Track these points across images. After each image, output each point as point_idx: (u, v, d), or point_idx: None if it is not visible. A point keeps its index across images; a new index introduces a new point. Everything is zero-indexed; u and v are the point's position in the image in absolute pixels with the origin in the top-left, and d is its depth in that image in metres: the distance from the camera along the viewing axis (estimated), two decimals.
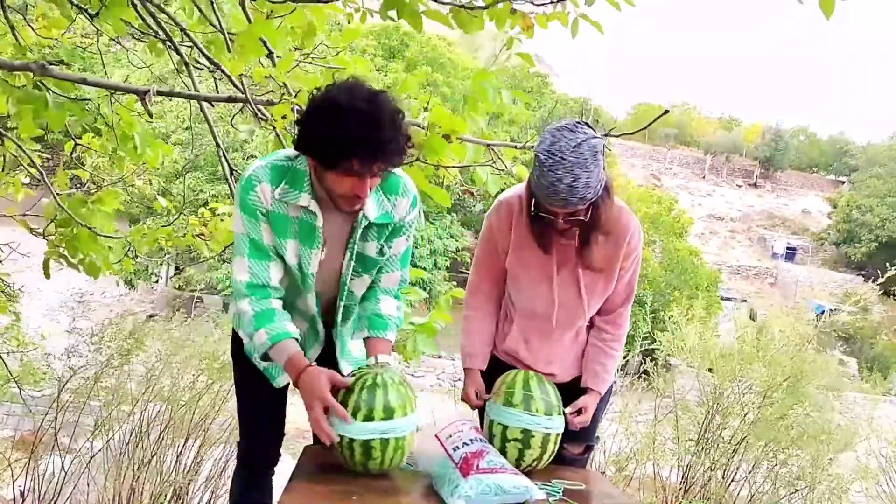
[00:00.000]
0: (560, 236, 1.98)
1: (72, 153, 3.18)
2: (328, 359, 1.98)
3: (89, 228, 2.95)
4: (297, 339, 1.78)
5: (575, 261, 2.02)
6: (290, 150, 1.83)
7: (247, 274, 1.80)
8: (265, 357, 1.81)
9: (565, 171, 1.74)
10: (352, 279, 1.91)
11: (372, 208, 1.82)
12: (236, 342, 2.07)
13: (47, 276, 3.13)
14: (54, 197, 2.94)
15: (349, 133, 1.58)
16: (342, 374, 1.82)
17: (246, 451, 2.12)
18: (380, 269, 1.95)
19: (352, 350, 2.06)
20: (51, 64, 2.29)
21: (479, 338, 2.16)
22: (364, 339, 1.97)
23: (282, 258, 1.82)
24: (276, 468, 2.12)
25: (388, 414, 1.68)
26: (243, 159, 17.89)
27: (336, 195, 1.72)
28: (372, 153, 1.61)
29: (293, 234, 1.80)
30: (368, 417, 1.67)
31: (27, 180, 3.40)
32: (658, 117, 2.41)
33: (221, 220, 3.23)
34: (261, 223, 1.78)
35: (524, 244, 2.03)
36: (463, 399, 2.16)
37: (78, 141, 3.12)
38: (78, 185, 3.49)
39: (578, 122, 1.83)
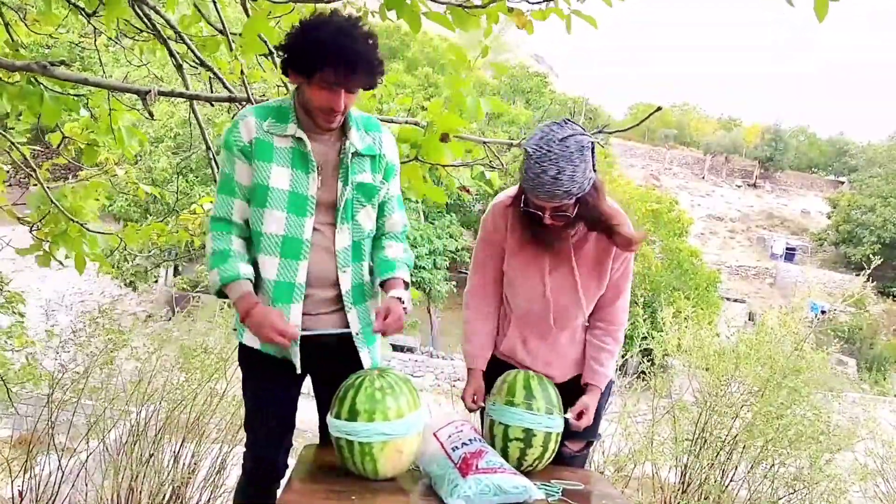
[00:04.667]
0: (554, 237, 1.99)
1: (59, 145, 3.16)
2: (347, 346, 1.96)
3: (81, 224, 2.94)
4: (249, 280, 1.84)
5: (569, 261, 2.04)
6: (277, 99, 1.97)
7: (213, 208, 1.91)
8: (220, 293, 1.87)
9: (550, 163, 1.78)
10: (356, 209, 1.93)
11: (357, 139, 1.90)
12: (243, 350, 2.03)
13: (47, 264, 3.10)
14: (45, 190, 2.91)
15: (326, 42, 1.68)
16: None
17: (252, 465, 2.05)
18: (381, 214, 2.01)
19: (377, 348, 2.03)
20: (52, 64, 2.29)
21: (479, 339, 2.17)
22: (380, 286, 1.99)
23: (261, 184, 1.84)
24: (281, 481, 2.05)
25: (399, 415, 1.68)
26: None
27: (313, 108, 1.80)
28: (345, 63, 1.70)
29: (281, 162, 1.85)
30: (373, 419, 1.66)
31: (8, 167, 3.35)
32: (651, 114, 2.46)
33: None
34: (236, 159, 1.86)
35: (520, 246, 2.05)
36: (462, 398, 2.16)
37: (64, 132, 3.10)
38: (63, 177, 3.46)
39: (568, 120, 1.87)
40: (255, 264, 1.89)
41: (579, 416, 2.03)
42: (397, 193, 2.07)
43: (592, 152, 1.85)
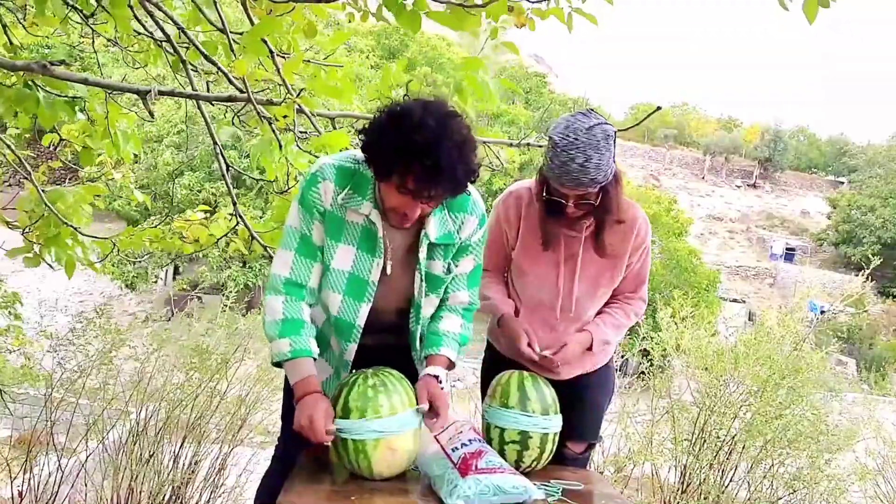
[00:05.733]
0: (567, 229, 2.00)
1: (55, 148, 3.15)
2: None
3: (74, 228, 2.92)
4: (314, 358, 1.74)
5: (581, 253, 2.04)
6: (359, 152, 1.73)
7: (288, 269, 1.76)
8: (277, 364, 1.76)
9: (578, 151, 1.79)
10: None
11: (434, 228, 1.77)
12: None
13: (37, 265, 3.08)
14: (40, 193, 2.90)
15: (408, 149, 1.51)
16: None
17: (283, 455, 2.04)
18: (445, 289, 1.89)
19: None
20: (52, 64, 2.29)
21: (500, 292, 2.14)
22: (423, 359, 1.90)
23: (325, 263, 1.77)
24: None
25: (391, 412, 1.67)
26: (240, 157, 17.76)
27: (386, 207, 1.69)
28: (426, 176, 1.53)
29: (349, 240, 1.76)
30: (364, 415, 1.65)
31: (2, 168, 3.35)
32: (651, 113, 2.48)
33: (206, 225, 3.17)
34: (315, 221, 1.75)
35: (532, 236, 2.05)
36: (517, 355, 2.06)
37: (61, 135, 3.09)
38: (62, 180, 3.47)
39: (592, 110, 1.88)
40: None
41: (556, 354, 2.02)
42: (468, 270, 1.90)
43: (615, 143, 1.87)
